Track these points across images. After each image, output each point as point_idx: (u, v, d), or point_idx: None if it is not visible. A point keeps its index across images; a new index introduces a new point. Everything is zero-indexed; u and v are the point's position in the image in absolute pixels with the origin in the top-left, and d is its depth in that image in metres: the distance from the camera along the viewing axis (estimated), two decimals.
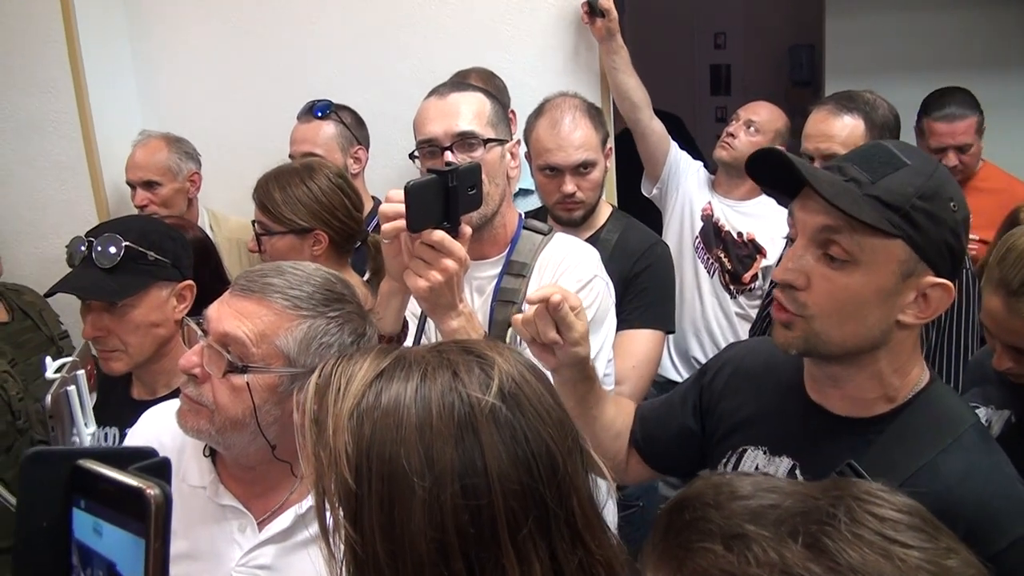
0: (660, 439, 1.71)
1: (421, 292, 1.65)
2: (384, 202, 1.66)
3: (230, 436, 1.50)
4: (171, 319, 2.05)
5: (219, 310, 1.51)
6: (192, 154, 3.20)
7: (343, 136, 2.96)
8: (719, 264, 3.25)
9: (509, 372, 1.00)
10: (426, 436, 0.94)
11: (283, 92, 3.36)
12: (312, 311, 1.49)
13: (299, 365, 1.47)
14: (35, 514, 0.75)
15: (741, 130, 3.25)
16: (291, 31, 3.49)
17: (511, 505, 0.93)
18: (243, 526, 1.57)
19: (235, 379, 1.46)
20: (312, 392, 1.02)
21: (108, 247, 1.97)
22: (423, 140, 2.01)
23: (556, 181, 2.57)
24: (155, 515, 0.66)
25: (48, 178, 3.29)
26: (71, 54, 3.17)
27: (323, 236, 2.33)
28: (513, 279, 2.04)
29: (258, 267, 1.57)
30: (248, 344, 1.45)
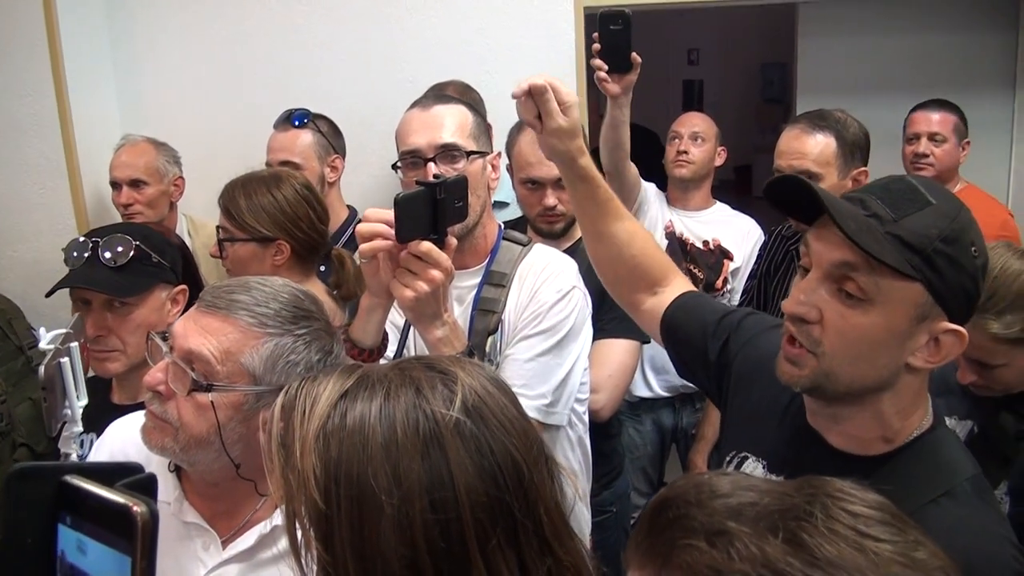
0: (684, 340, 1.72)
1: (407, 302, 1.66)
2: (362, 221, 1.68)
3: (194, 454, 1.49)
4: (166, 322, 2.06)
5: (185, 326, 1.49)
6: (176, 159, 3.23)
7: (320, 145, 2.98)
8: (690, 277, 3.30)
9: (472, 386, 1.01)
10: (392, 454, 0.95)
11: (263, 99, 3.40)
12: (279, 329, 1.48)
13: (265, 383, 1.47)
14: (20, 530, 0.74)
15: (690, 145, 3.34)
16: (272, 39, 3.55)
17: (479, 517, 0.94)
18: (207, 544, 1.56)
19: (200, 397, 1.45)
20: (278, 414, 1.03)
21: (117, 246, 2.00)
22: (406, 151, 2.03)
23: (538, 194, 2.62)
24: (142, 533, 0.65)
25: (28, 182, 3.29)
26: (53, 58, 3.19)
27: (285, 246, 2.34)
28: (493, 289, 2.07)
29: (225, 283, 1.56)
30: (213, 362, 1.45)
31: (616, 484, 2.70)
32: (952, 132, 3.40)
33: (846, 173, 2.54)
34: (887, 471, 1.34)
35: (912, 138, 3.43)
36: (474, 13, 3.47)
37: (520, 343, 1.99)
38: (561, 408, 2.01)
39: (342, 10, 3.50)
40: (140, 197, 3.10)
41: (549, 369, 1.97)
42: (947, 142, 3.39)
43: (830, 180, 2.51)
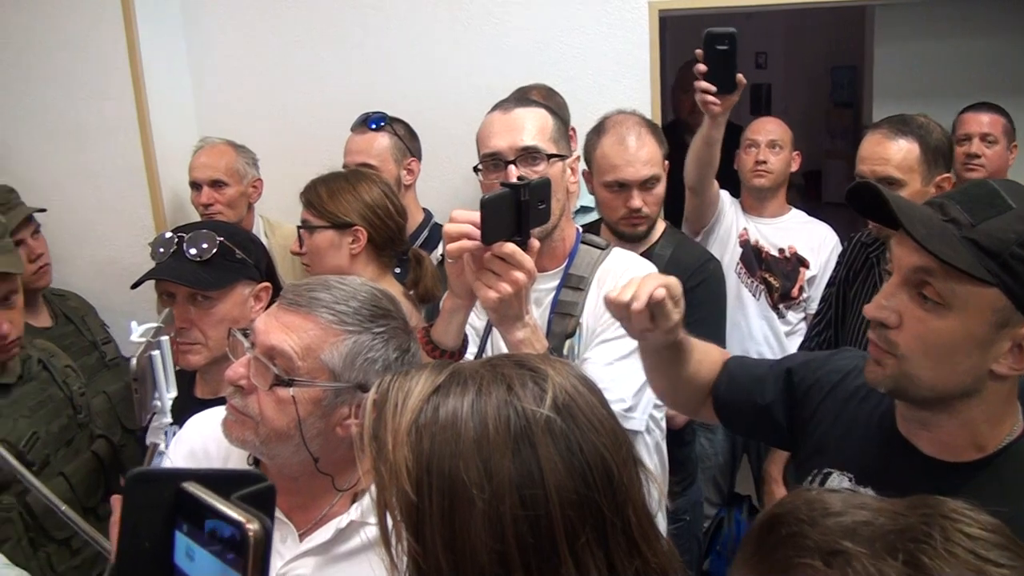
0: (740, 408, 1.71)
1: (490, 303, 1.66)
2: (449, 222, 1.68)
3: (274, 447, 1.52)
4: (248, 318, 2.09)
5: (266, 323, 1.53)
6: (254, 161, 3.28)
7: (397, 148, 3.01)
8: (765, 286, 3.27)
9: (562, 385, 1.01)
10: (483, 449, 0.96)
11: (338, 103, 3.43)
12: (357, 326, 1.50)
13: (344, 380, 1.49)
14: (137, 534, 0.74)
15: (768, 153, 3.30)
16: (346, 43, 3.59)
17: (568, 514, 0.94)
18: (284, 536, 1.58)
19: (281, 392, 1.48)
20: (370, 408, 1.04)
21: (202, 242, 2.04)
22: (487, 154, 2.05)
23: (622, 196, 2.60)
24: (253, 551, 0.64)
25: (106, 183, 3.35)
26: (132, 63, 3.24)
27: (362, 234, 2.38)
28: (571, 292, 2.07)
29: (305, 281, 1.58)
30: (294, 358, 1.47)
31: (690, 492, 2.68)
32: (1002, 134, 3.37)
33: (929, 179, 2.49)
34: (982, 479, 1.34)
35: (963, 139, 3.37)
36: (549, 18, 3.47)
37: (599, 347, 1.99)
38: (639, 413, 2.00)
39: (418, 15, 3.53)
40: (220, 197, 3.14)
41: (628, 374, 1.96)
42: (998, 143, 3.36)
43: (913, 186, 2.46)
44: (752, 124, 3.42)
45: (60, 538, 2.31)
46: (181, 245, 2.06)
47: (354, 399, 1.51)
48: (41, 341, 2.58)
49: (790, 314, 3.28)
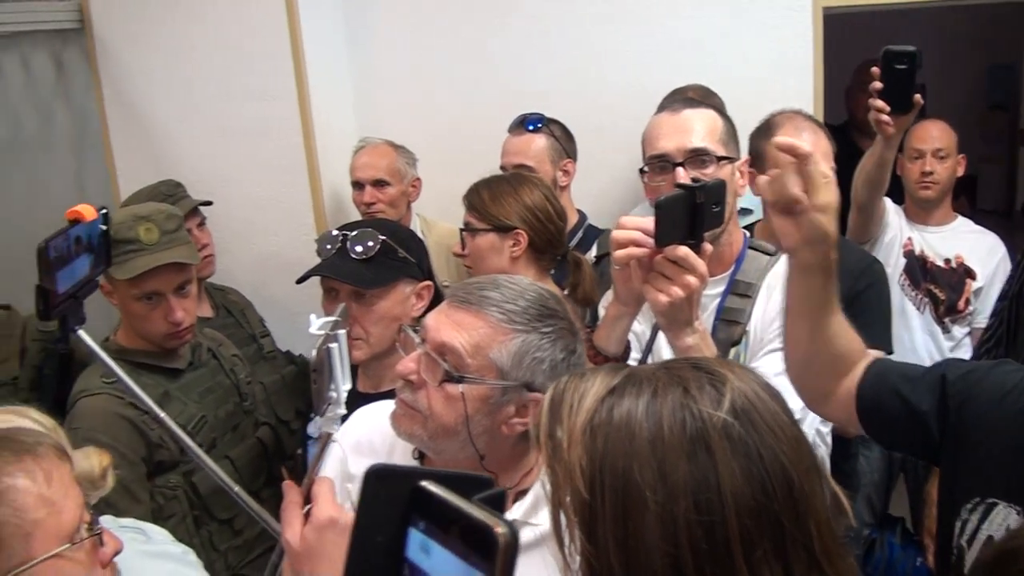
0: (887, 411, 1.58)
1: (661, 307, 1.65)
2: (616, 228, 1.68)
3: (441, 443, 1.54)
4: (410, 316, 2.14)
5: (437, 320, 1.55)
6: (414, 161, 3.35)
7: (553, 149, 3.02)
8: (930, 298, 3.15)
9: (741, 389, 0.99)
10: (658, 451, 0.94)
11: (494, 104, 3.48)
12: (526, 326, 1.51)
13: (511, 378, 1.50)
14: (372, 528, 0.76)
15: (934, 163, 3.18)
16: (503, 45, 3.62)
17: (745, 523, 0.92)
18: None
19: (450, 388, 1.50)
20: (546, 408, 1.04)
21: (366, 240, 2.10)
22: (654, 155, 2.02)
23: None
24: (503, 555, 0.63)
25: (269, 181, 3.46)
26: (296, 64, 3.34)
27: (523, 237, 2.40)
28: (738, 299, 2.03)
29: (475, 280, 1.61)
30: (463, 355, 1.49)
31: (853, 506, 2.60)
32: None
33: None
34: None
35: None
36: (708, 16, 3.43)
37: (768, 356, 1.94)
38: (807, 427, 1.93)
39: (573, 16, 3.53)
40: (382, 197, 3.22)
41: None
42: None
43: None
44: (915, 130, 3.26)
45: (223, 518, 2.41)
46: (345, 243, 2.12)
47: (520, 398, 1.53)
48: (210, 330, 2.69)
49: (955, 328, 3.15)
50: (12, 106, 4.01)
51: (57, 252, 1.31)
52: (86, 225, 1.38)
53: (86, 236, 1.38)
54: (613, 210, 3.39)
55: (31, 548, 1.19)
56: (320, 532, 1.26)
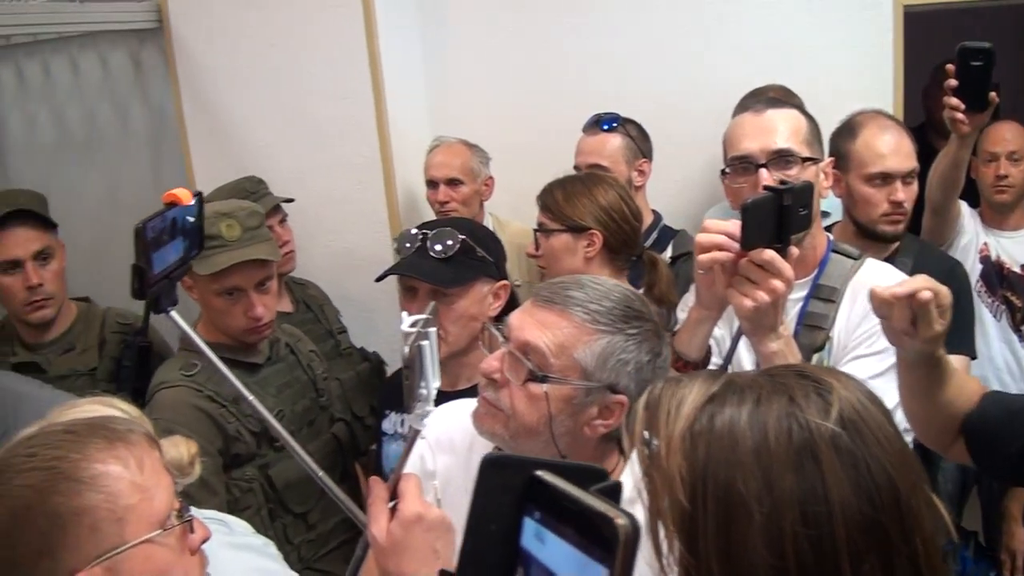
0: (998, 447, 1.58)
1: (746, 312, 1.63)
2: (700, 231, 1.66)
3: (523, 442, 1.53)
4: (487, 315, 2.14)
5: (521, 319, 1.55)
6: (487, 160, 3.35)
7: (628, 149, 3.00)
8: (1007, 305, 3.06)
9: (848, 398, 0.97)
10: (763, 461, 0.92)
11: (567, 104, 3.46)
12: (611, 327, 1.50)
13: (595, 380, 1.49)
14: (486, 517, 0.76)
15: (1009, 166, 3.08)
16: (577, 45, 3.60)
17: (853, 536, 0.90)
18: None
19: (533, 387, 1.50)
20: (641, 415, 1.03)
21: (445, 239, 2.11)
22: (737, 156, 1.99)
23: (886, 190, 2.49)
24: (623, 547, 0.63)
25: (344, 179, 3.49)
26: (372, 66, 3.37)
27: (598, 237, 2.38)
28: (821, 303, 2.00)
29: (559, 280, 1.60)
30: (548, 355, 1.49)
31: None
32: None
33: None
34: None
35: None
36: (786, 15, 3.39)
37: (852, 363, 1.90)
38: None
39: (648, 16, 3.51)
40: (456, 195, 3.22)
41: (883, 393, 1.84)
42: None
43: None
44: (988, 132, 3.13)
45: (297, 511, 2.44)
46: (425, 242, 2.13)
47: (604, 400, 1.51)
48: (288, 326, 2.71)
49: None
50: (90, 104, 4.12)
51: (154, 233, 1.33)
52: (182, 209, 1.40)
53: (181, 219, 1.40)
54: (688, 211, 3.36)
55: (124, 533, 1.21)
56: (407, 528, 1.26)
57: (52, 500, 1.18)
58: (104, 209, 4.05)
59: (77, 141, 4.18)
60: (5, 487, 1.20)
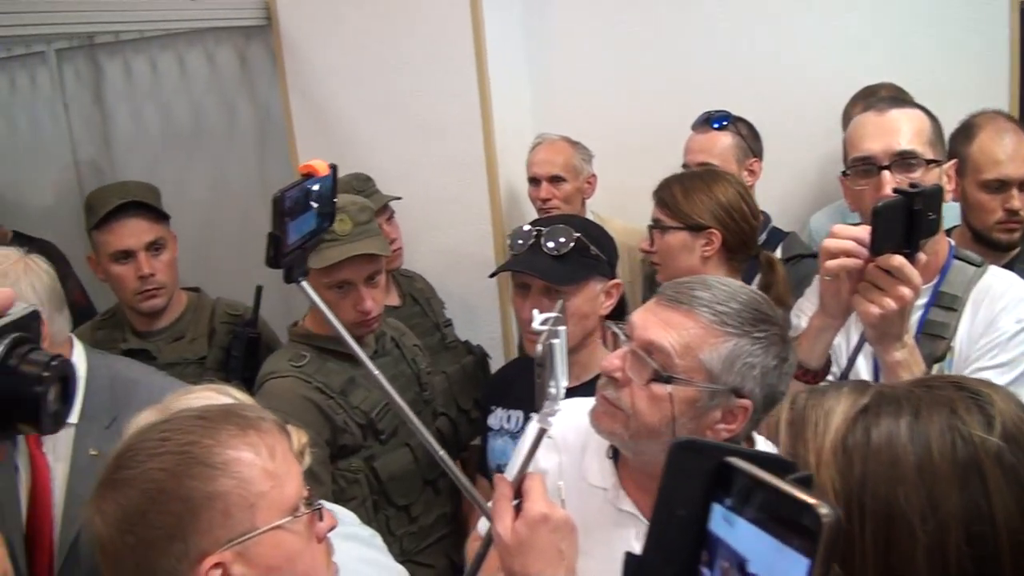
0: None
1: (872, 319, 1.59)
2: (828, 237, 1.63)
3: (642, 443, 1.51)
4: (597, 313, 2.13)
5: (644, 318, 1.52)
6: (590, 157, 3.32)
7: (739, 148, 2.96)
8: None
9: (1008, 412, 0.92)
10: (927, 477, 0.88)
11: (670, 102, 3.46)
12: (738, 329, 1.47)
13: (720, 383, 1.46)
14: (674, 501, 0.76)
15: None
16: (681, 40, 3.58)
17: (1018, 557, 0.86)
18: (641, 534, 1.57)
19: (657, 388, 1.47)
20: (786, 425, 1.00)
21: (559, 237, 2.09)
22: (859, 157, 1.94)
23: (1001, 197, 2.42)
24: (827, 537, 0.61)
25: (448, 176, 3.49)
26: (479, 63, 3.37)
27: (716, 236, 2.35)
28: (942, 312, 1.93)
29: (685, 279, 1.57)
30: (672, 355, 1.46)
31: None
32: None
33: None
34: None
35: None
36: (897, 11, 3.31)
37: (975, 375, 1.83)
38: None
39: (756, 12, 3.46)
40: (558, 193, 3.21)
41: None
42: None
43: None
44: None
45: (400, 504, 2.45)
46: (539, 239, 2.12)
47: (728, 404, 1.48)
48: (393, 320, 2.73)
49: None
50: (196, 99, 4.21)
51: (291, 203, 1.34)
52: (317, 180, 1.41)
53: (316, 191, 1.41)
54: (797, 212, 3.30)
55: (255, 519, 1.22)
56: (533, 528, 1.25)
57: (186, 484, 1.19)
58: (209, 203, 4.13)
59: (183, 135, 4.27)
60: (139, 470, 1.22)
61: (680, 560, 0.75)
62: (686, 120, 3.09)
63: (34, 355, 0.68)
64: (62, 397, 0.70)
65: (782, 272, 2.35)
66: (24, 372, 0.67)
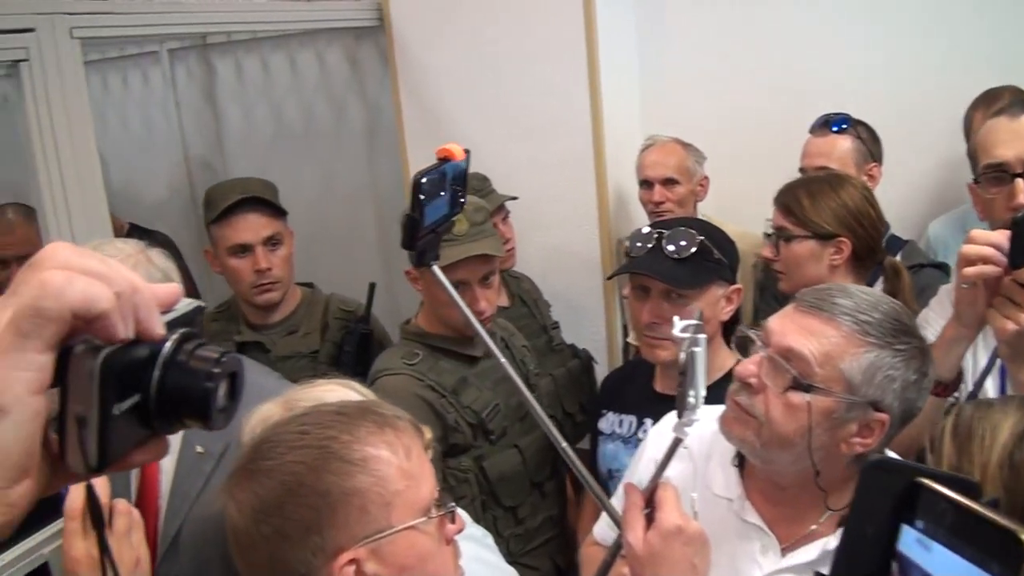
0: None
1: (1006, 335, 1.53)
2: (966, 243, 1.57)
3: (773, 452, 1.48)
4: (718, 318, 2.10)
5: (783, 324, 1.49)
6: (703, 160, 3.28)
7: (859, 152, 2.88)
8: None
9: None
10: None
11: (783, 103, 3.40)
12: (879, 340, 1.42)
13: (859, 394, 1.41)
14: (864, 519, 0.75)
15: None
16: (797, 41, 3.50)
17: None
18: (765, 548, 1.55)
19: (794, 396, 1.43)
20: (949, 438, 0.97)
21: (681, 240, 2.06)
22: (991, 164, 1.88)
23: None
24: None
25: (556, 177, 3.48)
26: (590, 62, 3.34)
27: (846, 244, 2.28)
28: None
29: (825, 286, 1.53)
30: (812, 363, 1.42)
31: None
32: None
33: None
34: None
35: None
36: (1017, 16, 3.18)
37: None
38: None
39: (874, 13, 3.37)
40: (671, 196, 3.17)
41: None
42: None
43: None
44: None
45: (508, 505, 2.45)
46: (660, 241, 2.09)
47: (865, 417, 1.44)
48: (501, 320, 2.73)
49: None
50: (307, 99, 4.27)
51: (429, 185, 1.35)
52: (453, 165, 1.41)
53: (451, 175, 1.41)
54: (915, 219, 3.20)
55: (390, 517, 1.23)
56: (666, 539, 1.24)
57: (325, 479, 1.21)
58: (319, 201, 4.20)
59: (293, 134, 4.35)
60: (278, 461, 1.24)
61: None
62: (800, 122, 3.02)
63: (203, 351, 0.69)
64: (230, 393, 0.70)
65: (908, 280, 2.27)
66: (194, 368, 0.68)
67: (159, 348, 0.67)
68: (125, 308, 0.64)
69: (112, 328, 0.64)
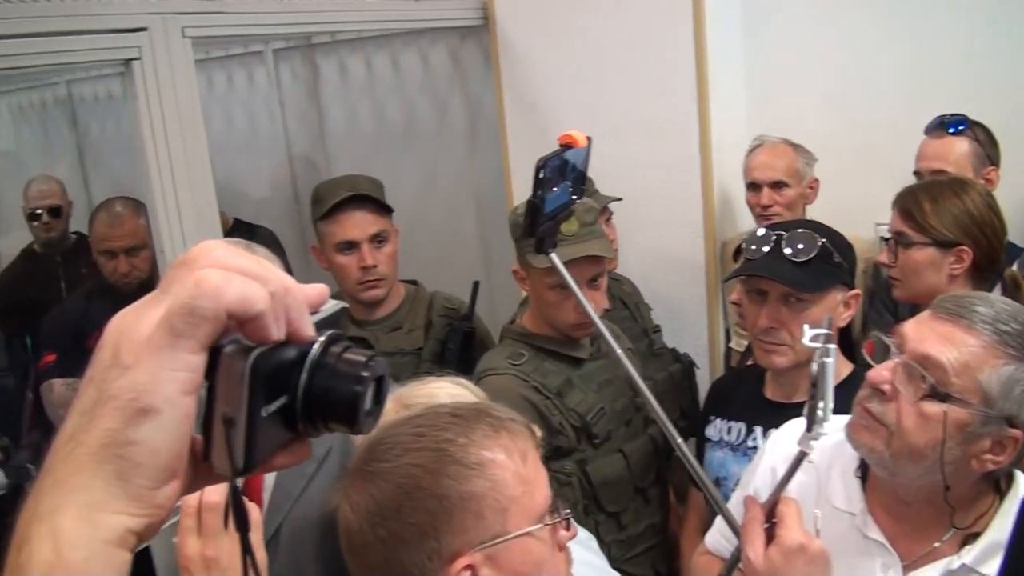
0: None
1: None
2: None
3: (902, 464, 1.42)
4: (836, 324, 2.03)
5: (919, 330, 1.43)
6: (812, 162, 3.20)
7: (976, 155, 2.79)
8: None
9: None
10: None
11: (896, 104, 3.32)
12: (1019, 352, 1.36)
13: (996, 408, 1.35)
14: None
15: None
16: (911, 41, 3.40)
17: None
18: (887, 565, 1.49)
19: (928, 406, 1.38)
20: None
21: (800, 242, 2.01)
22: None
23: None
24: None
25: (661, 177, 3.43)
26: (699, 62, 3.29)
27: (967, 253, 2.20)
28: None
29: (964, 293, 1.49)
30: (949, 372, 1.36)
31: None
32: None
33: None
34: None
35: None
36: None
37: None
38: None
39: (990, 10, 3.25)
40: (780, 199, 3.10)
41: None
42: None
43: None
44: None
45: (611, 510, 2.42)
46: (779, 243, 2.03)
47: (999, 432, 1.38)
48: (607, 323, 2.69)
49: None
50: (410, 98, 4.30)
51: (551, 172, 1.33)
52: (575, 152, 1.39)
53: (572, 163, 1.40)
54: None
55: (506, 523, 1.22)
56: (788, 557, 1.21)
57: (442, 482, 1.20)
58: (420, 199, 4.22)
59: (396, 133, 4.38)
60: (394, 463, 1.23)
61: None
62: (911, 125, 2.94)
63: (351, 354, 0.68)
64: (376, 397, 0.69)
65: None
66: (342, 371, 0.67)
67: (307, 350, 0.66)
68: (278, 309, 0.64)
69: (265, 330, 0.63)
